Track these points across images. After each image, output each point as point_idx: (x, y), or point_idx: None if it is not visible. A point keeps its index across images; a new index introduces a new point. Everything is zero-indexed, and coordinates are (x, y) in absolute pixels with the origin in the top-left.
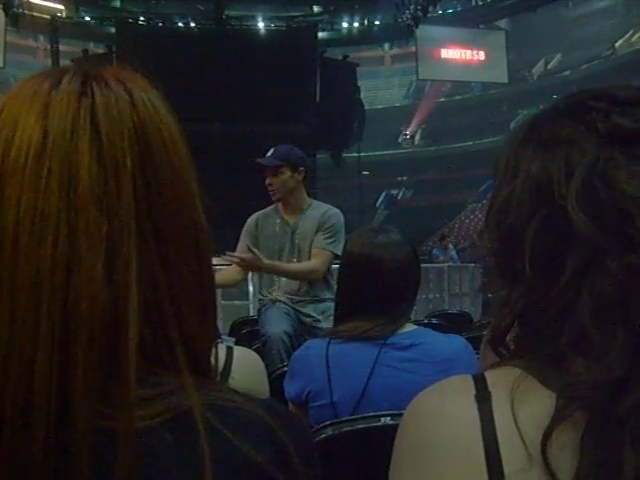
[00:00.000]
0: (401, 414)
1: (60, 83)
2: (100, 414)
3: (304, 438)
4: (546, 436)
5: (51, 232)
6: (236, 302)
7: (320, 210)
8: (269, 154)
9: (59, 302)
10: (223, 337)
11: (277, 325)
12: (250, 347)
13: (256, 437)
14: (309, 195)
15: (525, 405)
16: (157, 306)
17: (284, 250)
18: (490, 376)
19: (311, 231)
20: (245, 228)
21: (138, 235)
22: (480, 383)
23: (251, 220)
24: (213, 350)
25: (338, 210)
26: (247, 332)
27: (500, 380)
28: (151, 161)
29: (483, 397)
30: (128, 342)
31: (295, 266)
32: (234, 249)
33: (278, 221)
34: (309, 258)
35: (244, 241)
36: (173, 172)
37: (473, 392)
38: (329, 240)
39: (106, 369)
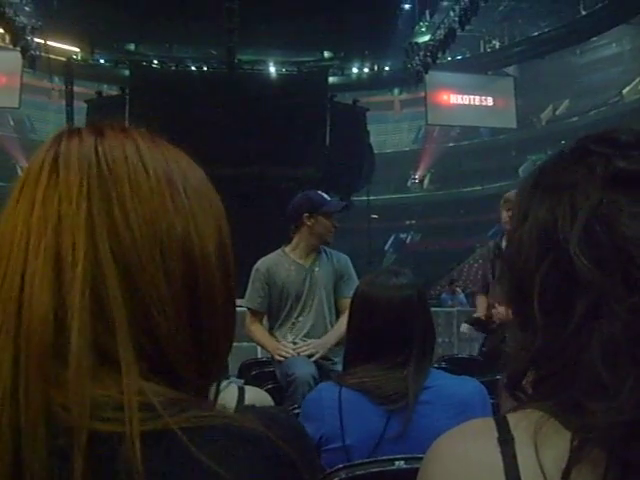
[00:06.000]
0: (415, 458)
1: None
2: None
3: (305, 446)
4: (565, 476)
5: (14, 249)
6: (244, 344)
7: (331, 256)
8: (332, 198)
9: (14, 312)
10: (232, 379)
11: (305, 368)
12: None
13: (244, 452)
14: None
15: (547, 447)
16: (108, 321)
17: (301, 293)
18: (512, 419)
19: (327, 276)
20: (255, 275)
21: (92, 254)
22: (502, 426)
23: (261, 267)
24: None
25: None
26: (256, 374)
27: (522, 423)
28: (117, 194)
29: (506, 440)
30: (71, 352)
31: (339, 330)
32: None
33: (293, 267)
34: (326, 301)
35: (258, 287)
36: (143, 211)
37: (495, 435)
38: (353, 286)
39: (54, 374)
